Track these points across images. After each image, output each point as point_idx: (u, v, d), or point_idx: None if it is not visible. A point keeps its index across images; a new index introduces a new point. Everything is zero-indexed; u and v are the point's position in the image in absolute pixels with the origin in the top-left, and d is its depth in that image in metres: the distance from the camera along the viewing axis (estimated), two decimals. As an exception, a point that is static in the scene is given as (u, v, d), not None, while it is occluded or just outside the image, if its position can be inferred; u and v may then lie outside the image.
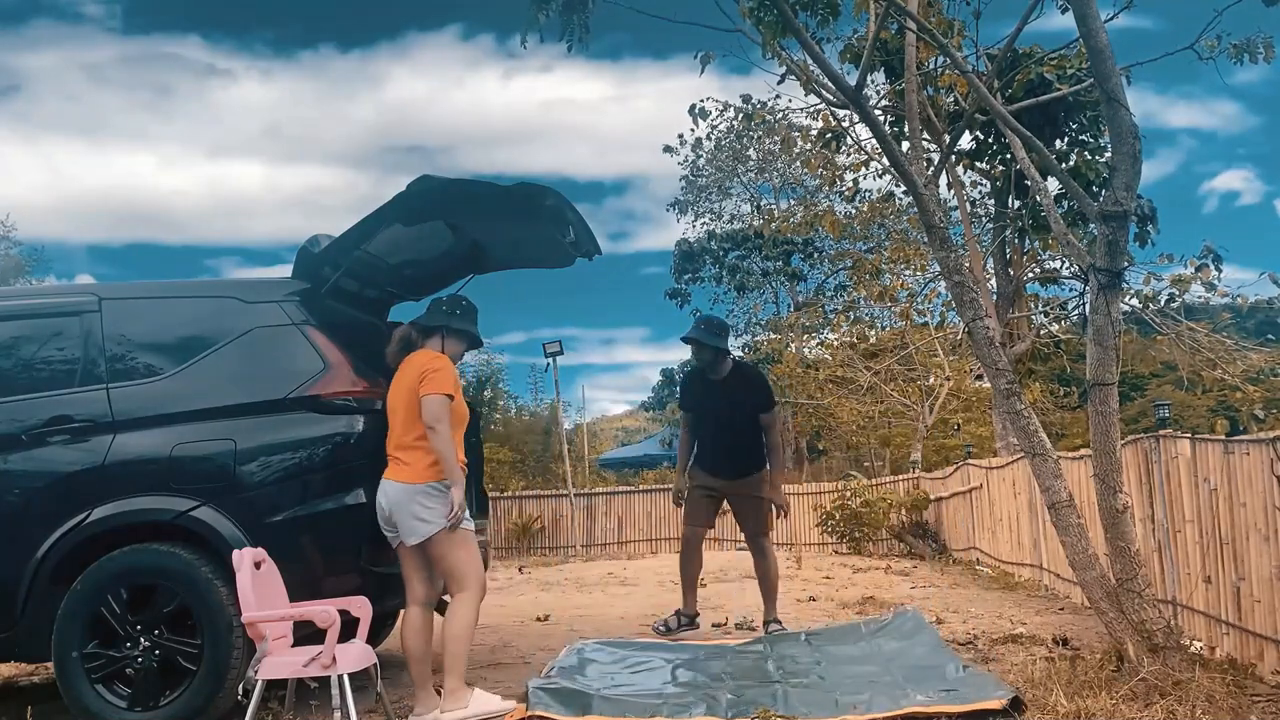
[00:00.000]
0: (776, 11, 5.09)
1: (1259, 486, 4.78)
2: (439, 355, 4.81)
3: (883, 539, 15.91)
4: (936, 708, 4.51)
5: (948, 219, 7.49)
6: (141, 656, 4.56)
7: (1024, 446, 5.60)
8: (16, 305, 5.49)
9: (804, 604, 8.59)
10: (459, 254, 6.02)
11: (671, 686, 5.20)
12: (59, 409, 4.89)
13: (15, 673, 6.62)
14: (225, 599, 4.51)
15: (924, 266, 19.08)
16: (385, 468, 4.70)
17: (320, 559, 4.80)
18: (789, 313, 28.61)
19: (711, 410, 6.67)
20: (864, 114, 5.72)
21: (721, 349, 6.64)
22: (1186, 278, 11.47)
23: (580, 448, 25.21)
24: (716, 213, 33.18)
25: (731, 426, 6.55)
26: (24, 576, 4.67)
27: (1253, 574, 4.93)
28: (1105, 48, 4.98)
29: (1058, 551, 7.01)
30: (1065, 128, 13.29)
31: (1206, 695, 4.36)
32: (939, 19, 8.88)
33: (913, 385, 21.23)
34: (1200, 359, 11.85)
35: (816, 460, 28.38)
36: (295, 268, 5.32)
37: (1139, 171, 5.05)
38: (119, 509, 4.72)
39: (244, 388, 4.90)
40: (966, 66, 6.64)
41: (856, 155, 15.78)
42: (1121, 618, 4.96)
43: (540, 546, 18.75)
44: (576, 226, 5.77)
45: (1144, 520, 6.43)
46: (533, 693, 4.85)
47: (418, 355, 4.81)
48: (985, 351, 5.70)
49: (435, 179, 4.95)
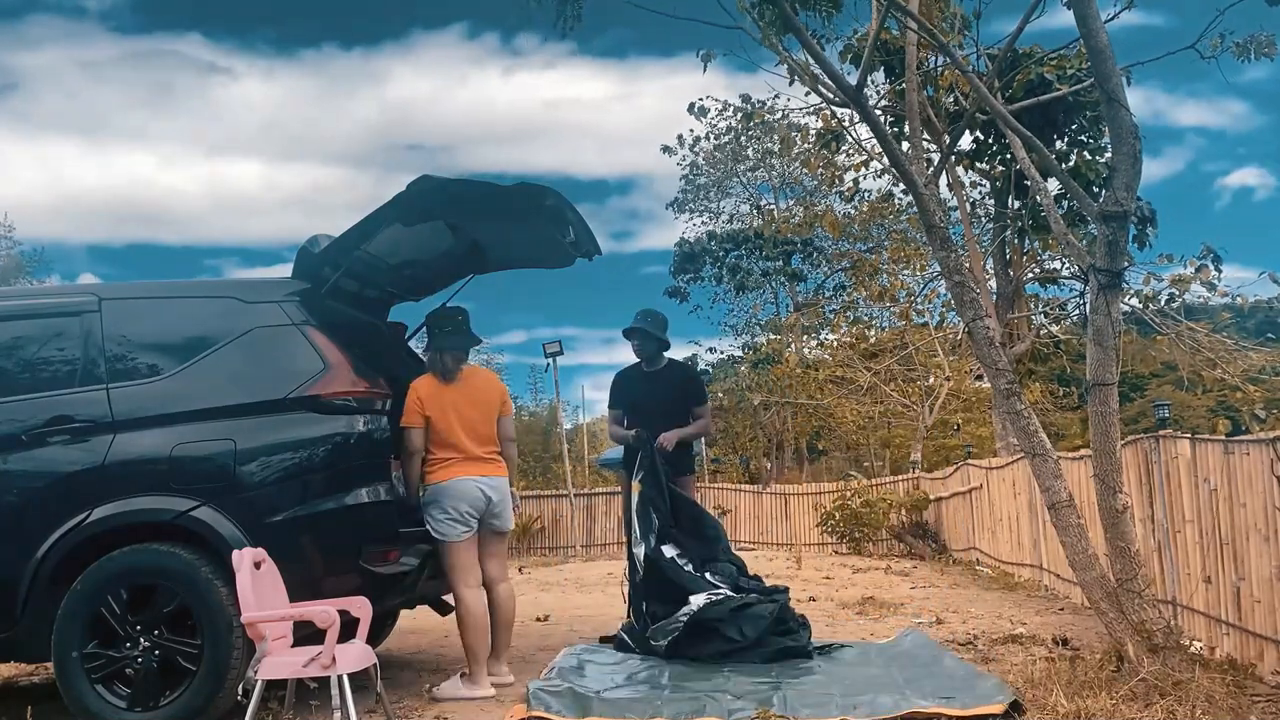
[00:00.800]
0: (776, 10, 5.09)
1: (1259, 486, 4.78)
2: None
3: (883, 539, 15.91)
4: (937, 709, 4.51)
5: (948, 219, 7.49)
6: (141, 656, 4.56)
7: (1024, 447, 5.60)
8: (16, 305, 5.48)
9: (804, 604, 8.58)
10: (459, 254, 6.02)
11: (671, 687, 5.19)
12: (59, 409, 4.88)
13: (15, 673, 6.63)
14: (225, 599, 4.50)
15: (924, 266, 19.10)
16: (459, 465, 5.23)
17: (320, 559, 4.80)
18: (789, 313, 28.62)
19: (646, 404, 6.67)
20: (864, 113, 5.72)
21: (664, 341, 6.68)
22: (1186, 278, 11.49)
23: (580, 448, 25.23)
24: (716, 212, 33.21)
25: (666, 420, 6.57)
26: (24, 576, 4.67)
27: (1253, 574, 4.93)
28: (1105, 48, 4.98)
29: (1058, 551, 7.02)
30: (1065, 128, 13.31)
31: (1206, 695, 4.36)
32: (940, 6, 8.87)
33: (913, 385, 21.25)
34: (1200, 359, 11.85)
35: (816, 460, 28.42)
36: (295, 268, 5.32)
37: (1139, 172, 5.05)
38: (119, 509, 4.71)
39: (244, 388, 4.90)
40: (967, 66, 6.65)
41: (856, 155, 15.80)
42: (1121, 618, 4.96)
43: (540, 546, 18.76)
44: (576, 226, 5.77)
45: (1144, 520, 6.43)
46: (533, 694, 4.85)
47: (484, 371, 5.76)
48: (985, 351, 5.71)
49: (435, 179, 4.95)
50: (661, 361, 6.76)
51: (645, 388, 6.72)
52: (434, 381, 5.33)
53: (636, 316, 6.71)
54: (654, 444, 6.39)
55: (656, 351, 6.71)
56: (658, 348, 6.70)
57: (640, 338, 6.66)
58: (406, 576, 5.04)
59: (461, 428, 5.28)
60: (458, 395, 5.33)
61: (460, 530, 5.22)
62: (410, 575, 5.06)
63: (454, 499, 5.21)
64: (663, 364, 6.77)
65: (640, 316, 6.72)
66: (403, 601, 5.68)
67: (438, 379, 5.34)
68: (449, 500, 5.21)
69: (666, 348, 6.76)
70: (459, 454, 5.27)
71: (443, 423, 5.26)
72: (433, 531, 5.21)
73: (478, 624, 5.21)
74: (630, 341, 6.71)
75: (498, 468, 5.41)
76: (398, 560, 4.97)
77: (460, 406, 5.31)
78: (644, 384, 6.75)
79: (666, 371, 6.78)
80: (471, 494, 5.25)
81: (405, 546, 5.07)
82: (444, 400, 5.28)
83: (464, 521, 5.23)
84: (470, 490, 5.25)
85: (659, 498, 6.33)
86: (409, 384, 5.31)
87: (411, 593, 5.42)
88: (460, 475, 5.25)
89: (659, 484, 6.35)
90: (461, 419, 5.29)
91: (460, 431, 5.28)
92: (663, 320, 6.75)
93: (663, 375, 6.74)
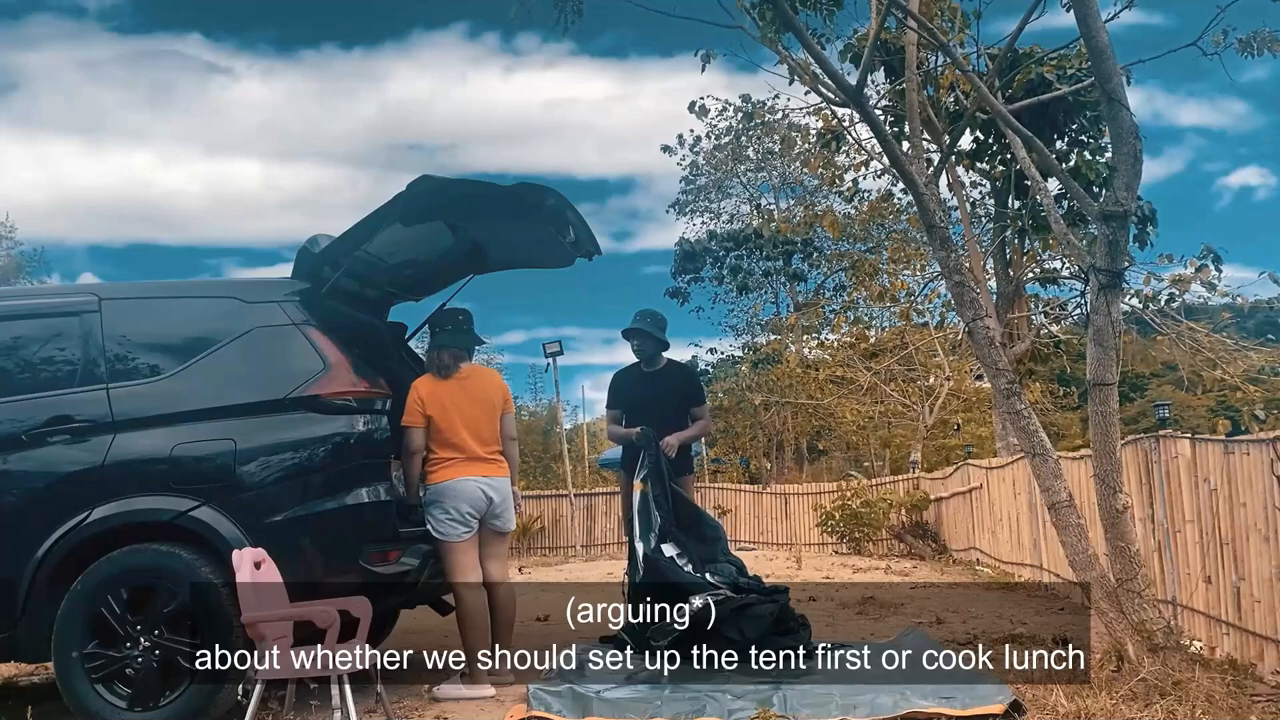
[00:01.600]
0: (776, 9, 5.09)
1: (1259, 486, 4.78)
2: None
3: (883, 539, 15.91)
4: (937, 709, 4.51)
5: (948, 219, 7.49)
6: (141, 656, 4.56)
7: (1024, 446, 5.60)
8: (17, 305, 5.48)
9: (804, 604, 8.57)
10: (459, 254, 6.01)
11: (671, 688, 5.19)
12: (59, 409, 4.88)
13: (15, 673, 6.62)
14: (225, 599, 4.50)
15: (924, 266, 19.10)
16: (461, 465, 5.24)
17: (320, 559, 4.80)
18: (789, 313, 28.61)
19: (645, 404, 6.66)
20: (864, 113, 5.72)
21: (664, 341, 6.68)
22: (1186, 278, 11.47)
23: (580, 448, 25.22)
24: (715, 212, 33.20)
25: (664, 421, 6.57)
26: (24, 576, 4.66)
27: (1253, 574, 4.93)
28: (1105, 47, 4.98)
29: (1058, 551, 7.01)
30: (1065, 128, 13.30)
31: (1206, 695, 4.36)
32: (945, 13, 8.87)
33: (912, 385, 21.24)
34: (1200, 359, 11.85)
35: (816, 460, 28.41)
36: (295, 268, 5.32)
37: (1139, 171, 5.05)
38: (119, 509, 4.71)
39: (244, 388, 4.89)
40: (967, 66, 6.65)
41: (856, 155, 15.80)
42: (1121, 618, 4.96)
43: (540, 546, 18.76)
44: (576, 226, 5.77)
45: (1144, 520, 6.43)
46: (533, 694, 4.85)
47: (486, 370, 5.67)
48: (985, 351, 5.70)
49: (435, 179, 4.95)
50: (661, 362, 6.76)
51: (644, 388, 6.72)
52: (435, 380, 5.33)
53: (636, 317, 6.70)
54: (658, 443, 6.39)
55: (656, 352, 6.71)
56: (657, 348, 6.69)
57: (640, 338, 6.66)
58: (406, 576, 5.04)
59: (464, 427, 5.28)
60: (459, 394, 5.33)
61: (461, 531, 5.22)
62: (410, 575, 5.06)
63: (455, 499, 5.21)
64: (662, 364, 6.77)
65: (639, 317, 6.71)
66: (403, 601, 5.68)
67: (437, 377, 5.35)
68: (450, 500, 5.21)
69: (666, 348, 6.76)
70: (461, 454, 5.28)
71: (445, 422, 5.25)
72: (433, 531, 5.21)
73: (478, 624, 5.20)
74: (630, 342, 6.70)
75: (500, 468, 5.41)
76: (398, 560, 4.97)
77: (462, 405, 5.31)
78: (643, 384, 6.74)
79: (665, 372, 6.78)
80: (473, 494, 5.26)
81: (405, 546, 5.07)
82: (445, 399, 5.28)
83: (465, 522, 5.23)
84: (472, 491, 5.26)
85: (662, 496, 6.33)
86: (409, 384, 5.30)
87: (411, 593, 5.42)
88: (462, 475, 5.25)
89: (663, 483, 6.35)
90: (464, 418, 5.29)
91: (463, 431, 5.28)
92: (662, 320, 6.74)
93: (661, 376, 6.74)
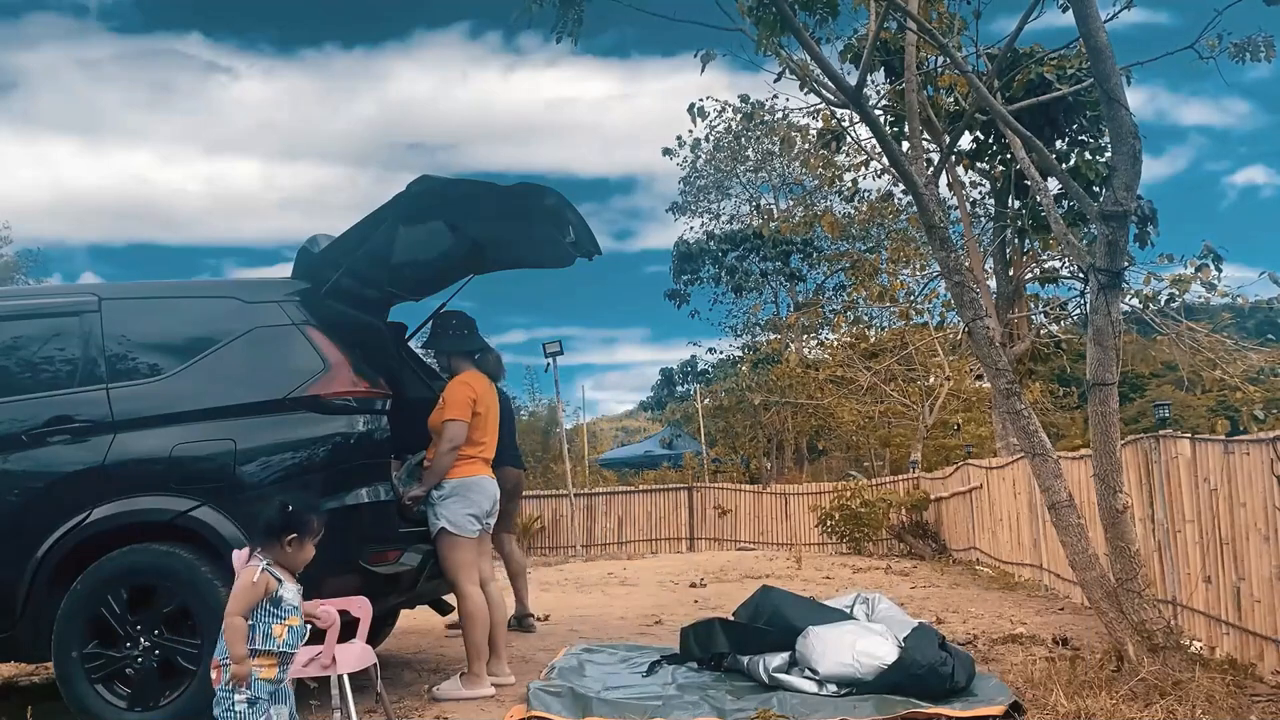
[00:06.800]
0: (775, 10, 5.09)
1: (1259, 486, 4.78)
2: None
3: (883, 539, 15.90)
4: (937, 710, 4.52)
5: (948, 219, 7.49)
6: (141, 656, 4.56)
7: (1024, 446, 5.60)
8: (17, 305, 5.48)
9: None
10: (459, 254, 6.01)
11: (671, 688, 5.19)
12: (59, 409, 4.88)
13: (15, 673, 6.62)
14: (225, 599, 4.49)
15: (924, 266, 19.09)
16: (481, 463, 5.34)
17: (320, 559, 4.79)
18: (788, 313, 28.61)
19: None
20: (864, 114, 5.72)
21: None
22: (1186, 278, 11.46)
23: (580, 448, 25.21)
24: (715, 213, 33.20)
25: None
26: (24, 576, 4.66)
27: (1253, 574, 4.93)
28: (1105, 47, 4.98)
29: (1058, 551, 7.02)
30: (1065, 128, 13.30)
31: (1206, 695, 4.37)
32: (940, 17, 8.87)
33: (913, 385, 21.23)
34: (1200, 359, 11.84)
35: (816, 460, 28.39)
36: (295, 268, 5.32)
37: (1139, 171, 5.05)
38: (119, 509, 4.71)
39: (244, 388, 4.89)
40: (966, 66, 6.64)
41: (856, 155, 15.80)
42: (1121, 618, 4.96)
43: (540, 546, 18.75)
44: (576, 226, 5.77)
45: (1144, 520, 6.43)
46: (533, 694, 4.86)
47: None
48: (985, 351, 5.71)
49: (435, 179, 4.95)
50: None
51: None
52: (484, 380, 5.53)
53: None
54: None
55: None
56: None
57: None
58: (406, 576, 5.04)
59: (493, 427, 5.51)
60: (491, 396, 5.55)
61: (475, 527, 5.30)
62: (410, 575, 5.06)
63: (480, 495, 5.32)
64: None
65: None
66: (403, 601, 5.68)
67: (486, 377, 5.56)
68: (475, 495, 5.29)
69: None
70: (485, 452, 5.44)
71: (487, 420, 5.43)
72: (448, 524, 5.18)
73: (482, 621, 5.23)
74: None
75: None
76: (398, 560, 4.98)
77: (492, 407, 5.52)
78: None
79: None
80: (492, 493, 5.42)
81: (405, 546, 5.08)
82: (489, 399, 5.49)
83: (480, 519, 5.33)
84: (491, 489, 5.41)
85: None
86: (409, 384, 5.32)
87: (411, 592, 5.42)
88: (483, 474, 5.39)
89: None
90: (494, 419, 5.52)
91: (493, 430, 5.50)
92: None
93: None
